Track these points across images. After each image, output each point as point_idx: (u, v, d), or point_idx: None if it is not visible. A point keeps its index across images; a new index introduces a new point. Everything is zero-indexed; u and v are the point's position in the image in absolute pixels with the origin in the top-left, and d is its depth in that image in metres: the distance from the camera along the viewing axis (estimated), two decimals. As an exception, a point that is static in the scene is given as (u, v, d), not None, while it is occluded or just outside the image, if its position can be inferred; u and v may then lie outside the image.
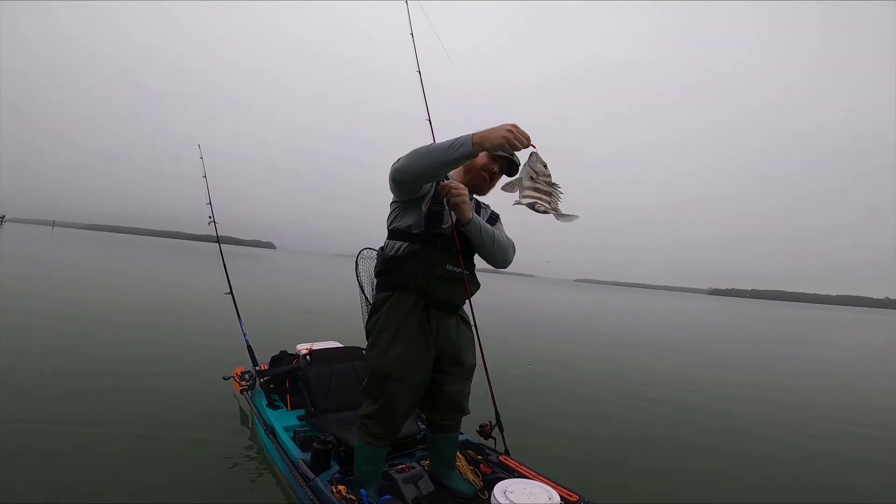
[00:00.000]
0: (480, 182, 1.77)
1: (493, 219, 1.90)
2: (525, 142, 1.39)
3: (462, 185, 1.63)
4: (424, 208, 1.68)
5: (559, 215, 1.43)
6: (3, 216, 74.56)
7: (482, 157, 1.72)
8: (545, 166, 1.42)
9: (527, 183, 1.43)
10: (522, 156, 1.51)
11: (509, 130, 1.36)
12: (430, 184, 1.68)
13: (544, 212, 1.41)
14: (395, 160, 1.62)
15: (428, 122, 1.73)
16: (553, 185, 1.42)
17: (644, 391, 5.23)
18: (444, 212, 1.70)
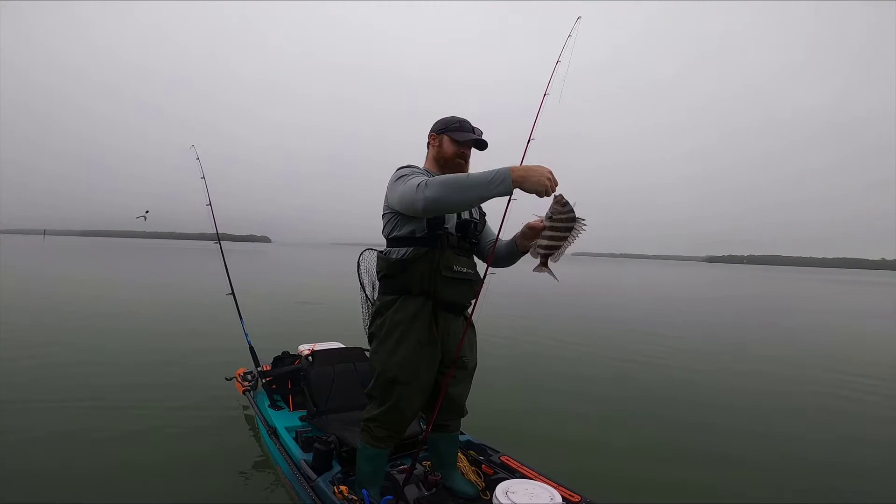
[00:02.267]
0: (462, 170, 1.73)
1: (482, 214, 1.91)
2: (555, 187, 1.39)
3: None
4: None
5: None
6: None
7: (451, 147, 1.72)
8: (563, 205, 1.43)
9: (546, 223, 1.48)
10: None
11: (549, 179, 1.35)
12: None
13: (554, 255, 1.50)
14: (419, 185, 1.42)
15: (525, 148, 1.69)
16: (577, 219, 1.44)
17: (649, 371, 5.20)
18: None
